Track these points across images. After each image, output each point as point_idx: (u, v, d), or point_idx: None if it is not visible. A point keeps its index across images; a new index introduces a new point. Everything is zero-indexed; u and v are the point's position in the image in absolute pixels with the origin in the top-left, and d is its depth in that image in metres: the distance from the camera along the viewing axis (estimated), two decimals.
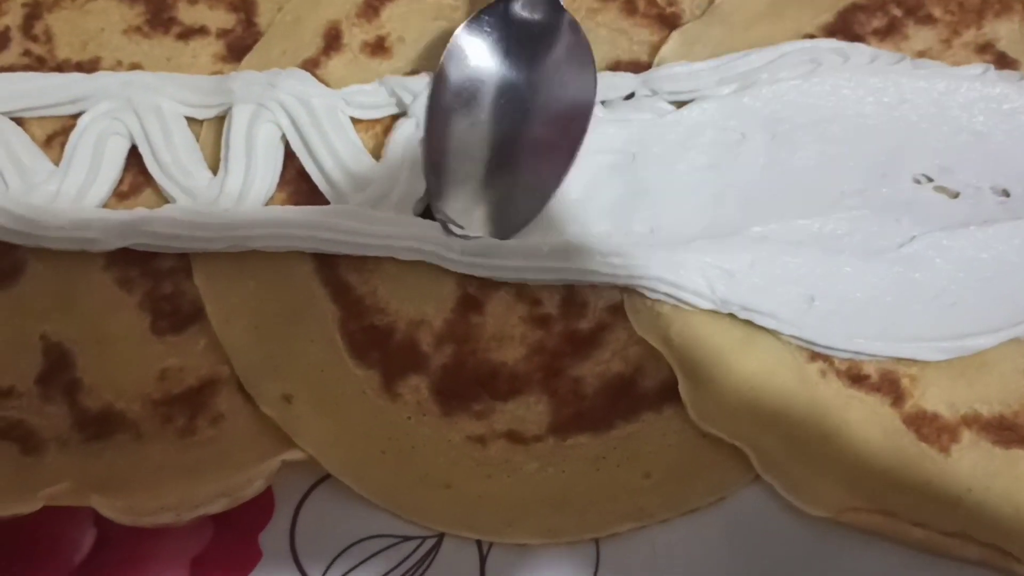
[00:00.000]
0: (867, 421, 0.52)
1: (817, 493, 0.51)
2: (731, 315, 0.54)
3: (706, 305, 0.54)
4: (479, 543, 0.51)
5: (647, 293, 0.54)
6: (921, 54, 0.62)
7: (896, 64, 0.60)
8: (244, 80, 0.57)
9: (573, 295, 0.56)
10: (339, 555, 0.51)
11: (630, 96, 0.59)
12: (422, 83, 0.58)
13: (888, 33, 0.62)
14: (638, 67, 0.61)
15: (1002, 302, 0.54)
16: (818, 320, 0.53)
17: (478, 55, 0.57)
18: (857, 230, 0.55)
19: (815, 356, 0.54)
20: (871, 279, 0.54)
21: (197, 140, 0.59)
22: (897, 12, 0.63)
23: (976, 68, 0.59)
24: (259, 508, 0.52)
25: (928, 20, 0.63)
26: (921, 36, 0.62)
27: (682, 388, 0.52)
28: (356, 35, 0.62)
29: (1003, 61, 0.61)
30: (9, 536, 0.51)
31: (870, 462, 0.51)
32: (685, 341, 0.53)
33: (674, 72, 0.59)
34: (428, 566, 0.51)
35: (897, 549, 0.51)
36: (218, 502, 0.50)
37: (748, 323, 0.54)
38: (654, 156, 0.57)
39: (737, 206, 0.56)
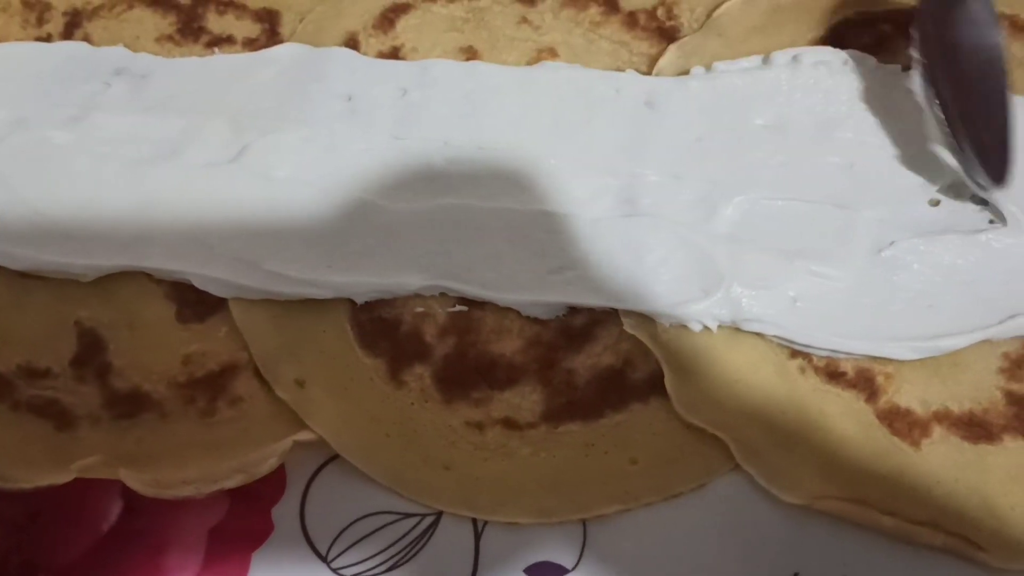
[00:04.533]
0: (843, 415, 0.55)
1: (793, 482, 0.53)
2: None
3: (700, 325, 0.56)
4: (474, 521, 0.54)
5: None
6: (908, 69, 0.64)
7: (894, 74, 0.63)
8: None
9: None
10: (344, 529, 0.54)
11: None
12: None
13: (876, 48, 0.65)
14: None
15: (976, 305, 0.56)
16: (799, 320, 0.56)
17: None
18: (839, 234, 0.58)
19: (795, 353, 0.56)
20: (852, 282, 0.56)
21: None
22: (886, 27, 0.66)
23: None
24: (272, 484, 0.55)
25: None
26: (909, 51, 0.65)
27: (668, 381, 0.55)
28: (372, 44, 0.66)
29: None
30: (44, 504, 0.54)
31: (844, 454, 0.54)
32: (672, 338, 0.56)
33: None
34: (427, 542, 0.54)
35: (866, 535, 0.53)
36: (235, 477, 0.54)
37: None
38: None
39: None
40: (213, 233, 0.58)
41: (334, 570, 0.53)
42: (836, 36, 0.65)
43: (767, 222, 0.58)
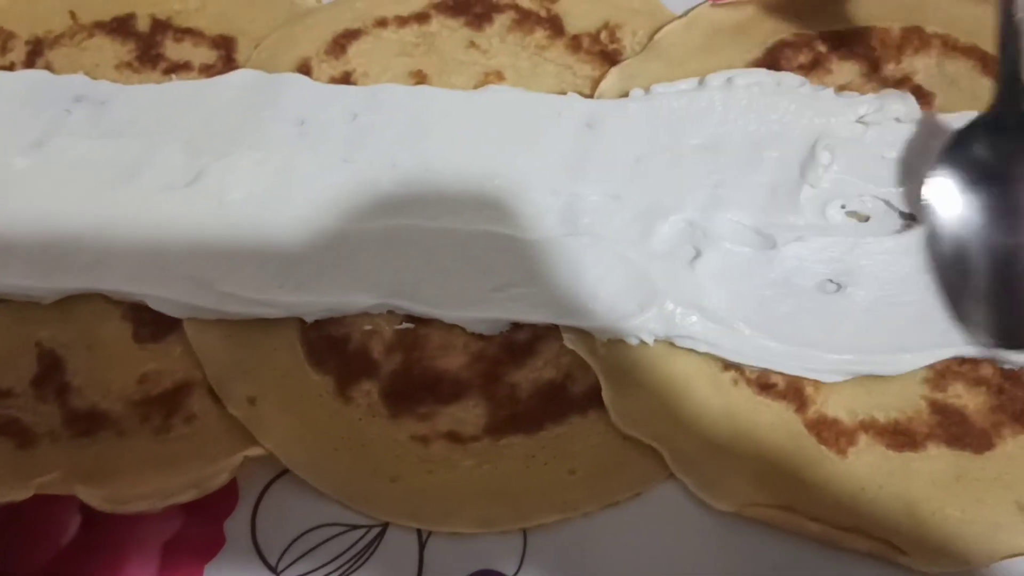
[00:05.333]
0: (773, 425, 0.57)
1: (724, 490, 0.55)
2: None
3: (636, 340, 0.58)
4: (419, 531, 0.56)
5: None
6: (843, 88, 0.66)
7: (820, 91, 0.65)
8: None
9: None
10: (294, 541, 0.56)
11: None
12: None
13: (813, 68, 0.67)
14: None
15: (912, 325, 0.58)
16: (734, 341, 0.58)
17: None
18: (768, 255, 0.60)
19: (728, 366, 0.58)
20: (781, 301, 0.58)
21: None
22: (822, 48, 0.68)
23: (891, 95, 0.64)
24: (225, 498, 0.57)
25: (851, 55, 0.68)
26: (844, 70, 0.67)
27: (605, 394, 0.57)
28: (325, 70, 0.68)
29: (919, 93, 0.66)
30: (4, 520, 0.56)
31: (774, 463, 0.56)
32: (609, 352, 0.58)
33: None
34: (373, 552, 0.56)
35: (794, 541, 0.55)
36: (188, 492, 0.55)
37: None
38: None
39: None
40: (168, 255, 0.60)
41: None
42: (773, 57, 0.67)
43: (701, 240, 0.60)
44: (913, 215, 0.62)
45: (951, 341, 0.58)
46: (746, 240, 0.60)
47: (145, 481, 0.56)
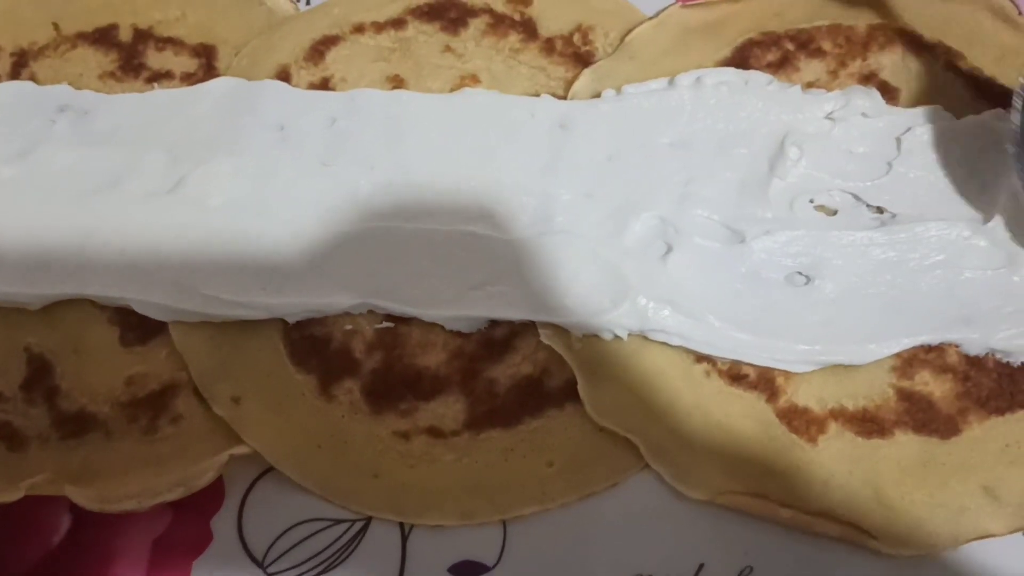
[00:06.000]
0: (744, 415, 0.59)
1: (697, 479, 0.57)
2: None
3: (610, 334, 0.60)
4: (401, 525, 0.58)
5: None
6: (810, 85, 0.68)
7: (787, 89, 0.66)
8: None
9: None
10: (280, 536, 0.58)
11: None
12: None
13: (781, 66, 0.69)
14: None
15: (880, 316, 0.59)
16: (706, 334, 0.59)
17: None
18: (738, 249, 0.61)
19: (700, 358, 0.60)
20: (751, 294, 0.60)
21: None
22: (790, 46, 0.69)
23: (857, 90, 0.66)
24: (211, 496, 0.58)
25: (818, 53, 0.69)
26: (811, 68, 0.69)
27: (581, 388, 0.59)
28: (304, 76, 0.69)
29: (885, 88, 0.67)
30: None
31: (746, 451, 0.57)
32: (584, 347, 0.60)
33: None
34: (357, 545, 0.57)
35: (766, 527, 0.57)
36: (176, 491, 0.57)
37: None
38: None
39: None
40: (152, 260, 0.61)
41: (270, 575, 0.57)
42: (742, 56, 0.69)
43: (672, 236, 0.61)
44: (881, 208, 0.63)
45: (917, 330, 0.59)
46: (716, 235, 0.62)
47: (133, 480, 0.57)
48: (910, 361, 0.60)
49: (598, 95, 0.67)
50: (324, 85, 0.68)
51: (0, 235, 0.63)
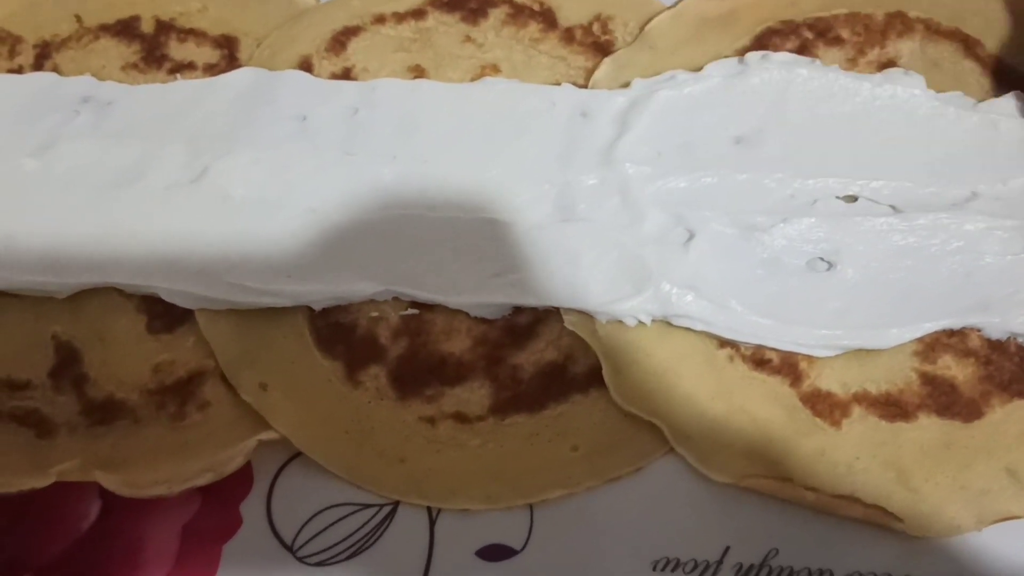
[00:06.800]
0: (768, 399, 0.59)
1: (722, 462, 0.57)
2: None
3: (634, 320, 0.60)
4: (429, 509, 0.58)
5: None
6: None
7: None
8: None
9: None
10: (308, 521, 0.58)
11: None
12: None
13: (800, 53, 0.69)
14: None
15: (901, 302, 0.60)
16: (728, 319, 0.59)
17: None
18: (761, 235, 0.62)
19: (724, 343, 0.60)
20: (773, 279, 0.60)
21: None
22: (808, 35, 0.70)
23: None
24: (240, 481, 0.59)
25: (837, 41, 0.70)
26: (830, 56, 0.69)
27: (606, 373, 0.59)
28: (325, 67, 0.70)
29: None
30: (26, 507, 0.58)
31: (770, 435, 0.58)
32: (608, 333, 0.60)
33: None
34: (385, 529, 0.58)
35: (791, 509, 0.57)
36: (204, 476, 0.57)
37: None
38: None
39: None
40: (177, 250, 0.62)
41: (300, 559, 0.57)
42: (761, 45, 0.69)
43: (693, 223, 0.62)
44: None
45: (938, 314, 0.59)
46: (736, 221, 0.62)
47: (162, 467, 0.58)
48: (932, 345, 0.60)
49: (618, 84, 0.68)
50: (346, 75, 0.69)
51: (25, 226, 0.63)
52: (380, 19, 0.71)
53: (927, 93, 0.66)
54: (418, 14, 0.70)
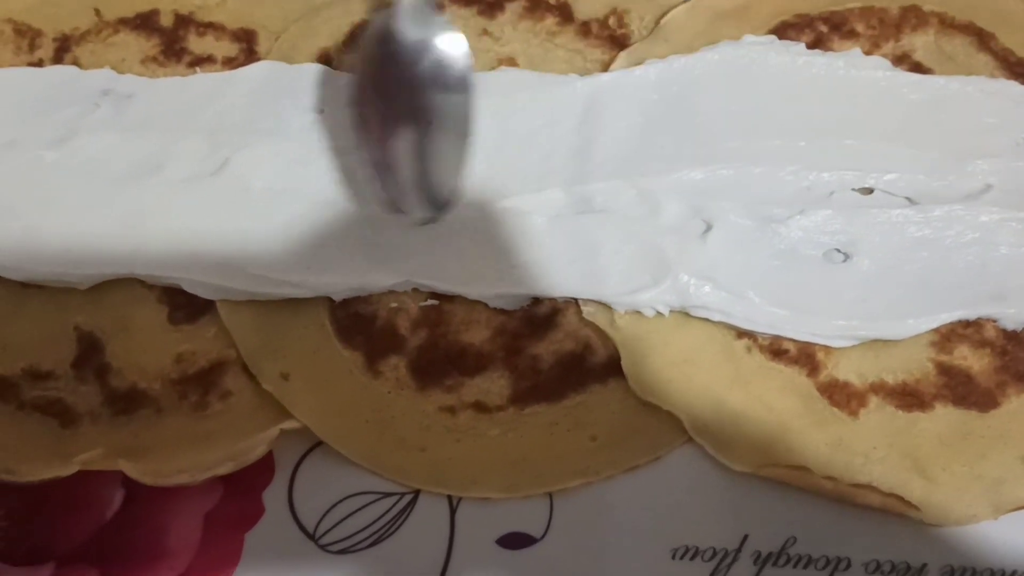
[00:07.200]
0: (786, 389, 0.59)
1: (741, 452, 0.58)
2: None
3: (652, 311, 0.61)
4: (449, 498, 0.58)
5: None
6: None
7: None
8: None
9: None
10: (330, 509, 0.58)
11: None
12: None
13: (815, 47, 0.69)
14: None
15: (917, 292, 0.60)
16: (746, 309, 0.60)
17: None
18: (777, 226, 0.62)
19: (741, 334, 0.61)
20: (790, 270, 0.61)
21: None
22: (823, 28, 0.70)
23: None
24: (262, 470, 0.59)
25: (851, 35, 0.70)
26: (845, 49, 0.69)
27: (624, 363, 0.60)
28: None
29: (919, 70, 0.68)
30: (50, 495, 0.59)
31: (787, 425, 0.58)
32: (627, 323, 0.61)
33: None
34: (406, 518, 0.58)
35: (809, 498, 0.57)
36: (226, 465, 0.58)
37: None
38: None
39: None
40: (198, 242, 0.62)
41: (322, 547, 0.58)
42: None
43: (710, 214, 0.62)
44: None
45: (954, 305, 0.60)
46: (753, 213, 0.62)
47: (184, 455, 0.58)
48: (948, 336, 0.61)
49: None
50: None
51: (46, 218, 0.64)
52: None
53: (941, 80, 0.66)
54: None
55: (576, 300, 0.62)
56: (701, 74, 0.66)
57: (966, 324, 0.61)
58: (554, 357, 0.61)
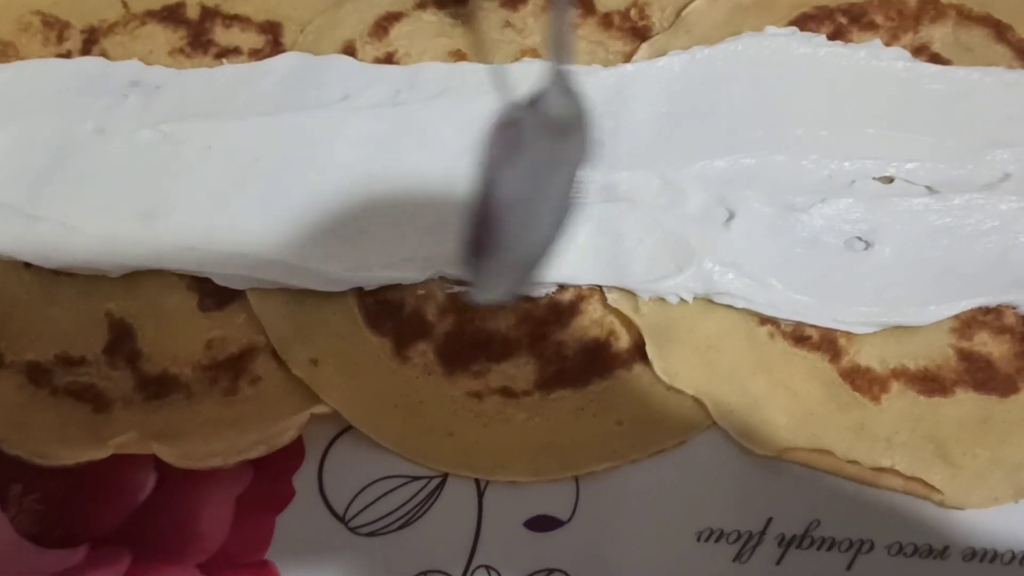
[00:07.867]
0: (808, 375, 0.60)
1: (764, 436, 0.59)
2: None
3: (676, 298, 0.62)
4: (477, 481, 0.59)
5: None
6: None
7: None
8: None
9: None
10: (359, 492, 0.59)
11: None
12: None
13: (834, 39, 0.70)
14: None
15: (937, 280, 0.61)
16: (769, 296, 0.61)
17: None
18: (800, 212, 0.63)
19: (764, 320, 0.61)
20: (813, 258, 0.61)
21: None
22: (843, 20, 0.71)
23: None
24: (292, 454, 0.60)
25: (870, 26, 0.71)
26: (864, 41, 0.70)
27: (649, 349, 0.60)
28: (369, 52, 0.71)
29: (937, 61, 0.69)
30: (84, 478, 0.60)
31: (810, 410, 0.59)
32: (651, 310, 0.61)
33: None
34: (435, 500, 0.59)
35: (832, 481, 0.58)
36: (257, 449, 0.59)
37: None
38: None
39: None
40: (228, 235, 0.63)
41: (351, 529, 0.59)
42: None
43: (733, 202, 0.63)
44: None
45: (974, 292, 0.61)
46: (775, 201, 0.63)
47: (215, 440, 0.59)
48: (969, 323, 0.61)
49: None
50: (389, 60, 0.70)
51: (76, 210, 0.64)
52: (421, 4, 0.72)
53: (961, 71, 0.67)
54: (458, 0, 0.72)
55: (600, 287, 0.62)
56: (724, 65, 0.66)
57: (986, 311, 0.61)
58: (579, 343, 0.62)
